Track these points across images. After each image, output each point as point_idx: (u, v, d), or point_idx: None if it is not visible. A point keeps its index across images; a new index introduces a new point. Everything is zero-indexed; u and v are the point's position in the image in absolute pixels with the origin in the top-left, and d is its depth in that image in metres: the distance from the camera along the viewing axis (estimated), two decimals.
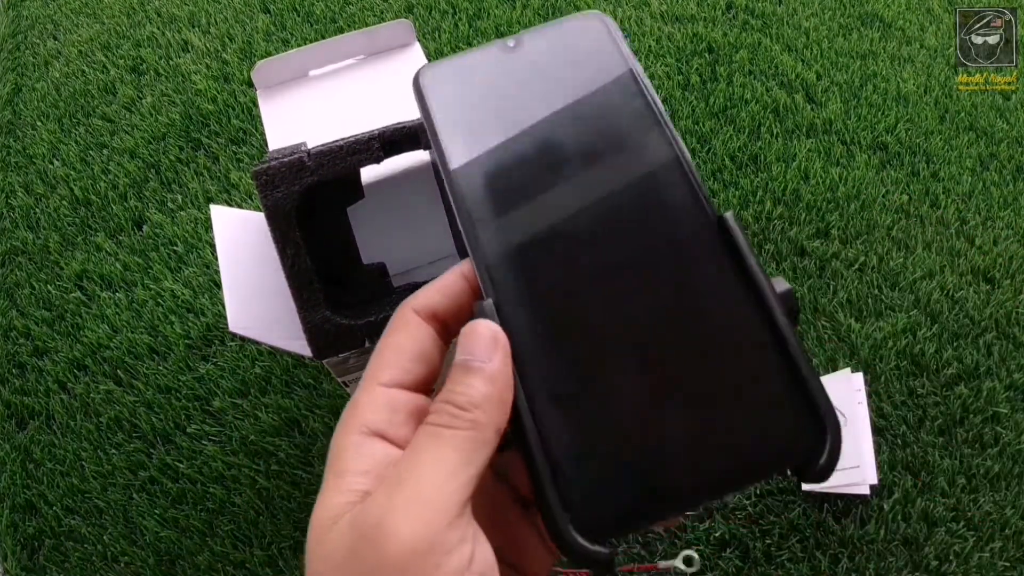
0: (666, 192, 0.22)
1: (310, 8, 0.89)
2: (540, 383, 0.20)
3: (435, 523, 0.17)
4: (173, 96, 0.83)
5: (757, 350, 0.20)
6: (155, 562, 0.58)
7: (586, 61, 0.25)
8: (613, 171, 0.23)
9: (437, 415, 0.19)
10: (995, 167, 0.73)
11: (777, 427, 0.20)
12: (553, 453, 0.20)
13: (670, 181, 0.22)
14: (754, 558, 0.54)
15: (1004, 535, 0.54)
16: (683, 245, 0.21)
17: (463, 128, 0.24)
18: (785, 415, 0.20)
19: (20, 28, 0.95)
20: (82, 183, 0.78)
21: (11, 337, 0.69)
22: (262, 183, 0.40)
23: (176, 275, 0.70)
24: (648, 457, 0.20)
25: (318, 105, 0.52)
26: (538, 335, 0.21)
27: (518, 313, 0.21)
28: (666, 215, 0.22)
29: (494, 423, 0.19)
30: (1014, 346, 0.62)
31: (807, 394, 0.20)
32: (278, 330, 0.46)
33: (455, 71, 0.25)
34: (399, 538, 0.17)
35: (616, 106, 0.24)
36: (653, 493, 0.19)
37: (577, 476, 0.19)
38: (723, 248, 0.21)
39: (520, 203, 0.23)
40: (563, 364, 0.21)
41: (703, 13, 0.86)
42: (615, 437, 0.20)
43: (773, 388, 0.20)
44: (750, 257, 0.21)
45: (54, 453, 0.63)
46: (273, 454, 0.61)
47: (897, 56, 0.82)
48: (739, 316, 0.21)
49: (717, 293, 0.21)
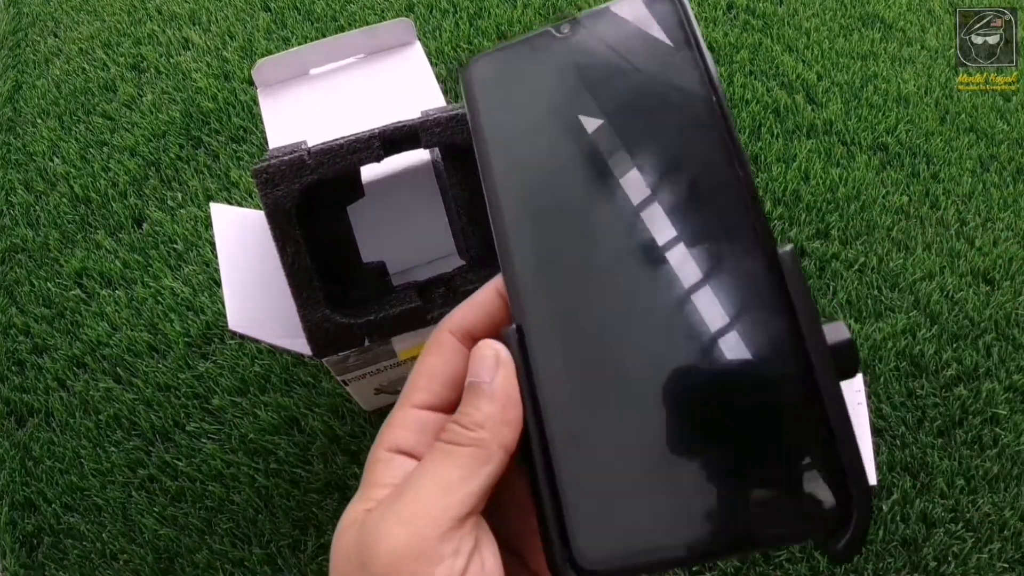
0: (721, 227, 0.20)
1: (311, 6, 0.89)
2: (558, 415, 0.20)
3: (425, 533, 0.18)
4: (173, 94, 0.83)
5: (793, 410, 0.18)
6: (154, 560, 0.58)
7: (649, 56, 0.21)
8: (665, 194, 0.21)
9: (446, 433, 0.20)
10: (995, 168, 0.73)
11: (799, 498, 0.18)
12: (560, 485, 0.19)
13: (728, 213, 0.20)
14: (753, 558, 0.54)
15: (1003, 536, 0.54)
16: (734, 286, 0.19)
17: (509, 134, 0.22)
18: (810, 486, 0.18)
19: (20, 25, 0.95)
20: (82, 181, 0.78)
21: (10, 334, 0.69)
22: (262, 181, 0.40)
23: (176, 273, 0.70)
24: (657, 506, 0.19)
25: (318, 103, 0.52)
26: (563, 366, 0.20)
27: (545, 341, 0.20)
28: (718, 254, 0.20)
29: (497, 440, 0.20)
30: (1013, 348, 0.62)
31: (839, 468, 0.18)
32: (278, 328, 0.46)
33: (504, 65, 0.23)
34: (389, 543, 0.18)
35: (679, 117, 0.21)
36: (656, 542, 0.19)
37: (581, 512, 0.19)
38: (777, 289, 0.19)
39: (559, 224, 0.21)
40: (584, 399, 0.20)
41: (704, 13, 0.86)
42: (626, 480, 0.19)
43: (802, 456, 0.18)
44: (803, 304, 0.18)
45: (53, 451, 0.63)
46: (272, 452, 0.61)
47: (898, 57, 0.82)
48: (781, 370, 0.19)
49: (762, 344, 0.19)
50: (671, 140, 0.21)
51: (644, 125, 0.21)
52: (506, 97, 0.22)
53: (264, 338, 0.46)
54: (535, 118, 0.22)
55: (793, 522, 0.18)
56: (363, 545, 0.19)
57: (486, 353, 0.21)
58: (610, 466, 0.19)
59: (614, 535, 0.19)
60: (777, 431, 0.19)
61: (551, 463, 0.20)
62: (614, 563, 0.19)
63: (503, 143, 0.22)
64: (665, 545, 0.19)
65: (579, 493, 0.19)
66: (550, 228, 0.21)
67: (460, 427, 0.20)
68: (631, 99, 0.21)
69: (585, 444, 0.20)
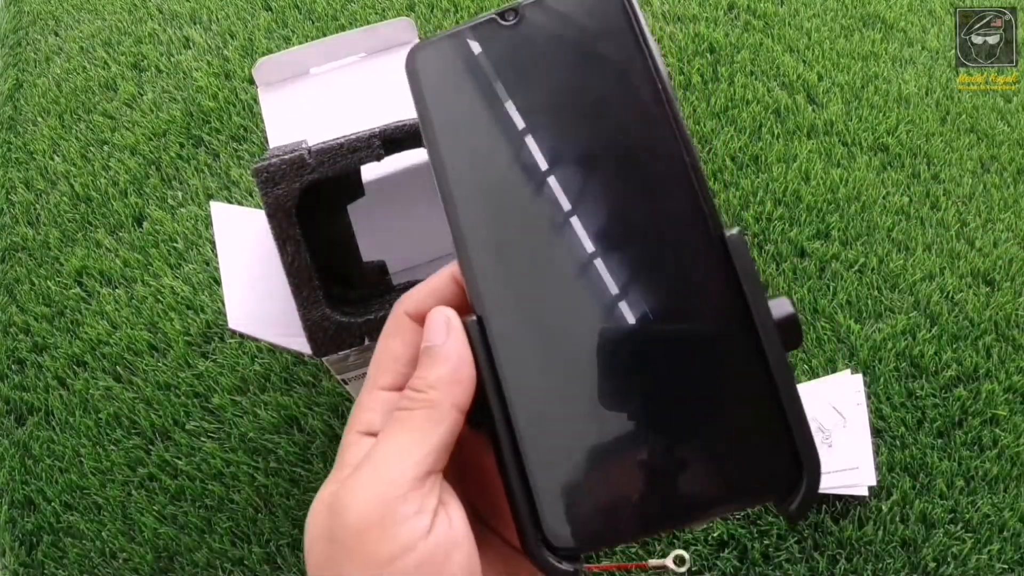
0: (670, 203, 0.21)
1: (311, 5, 0.89)
2: (522, 400, 0.20)
3: (387, 495, 0.19)
4: (174, 93, 0.83)
5: (743, 378, 0.20)
6: (153, 559, 0.58)
7: (594, 41, 0.22)
8: (613, 174, 0.21)
9: (401, 401, 0.21)
10: (996, 169, 0.73)
11: (755, 460, 0.19)
12: (528, 468, 0.20)
13: (675, 190, 0.21)
14: (752, 559, 0.54)
15: (1002, 537, 0.54)
16: (683, 263, 0.21)
17: (457, 124, 0.22)
18: (764, 449, 0.19)
19: (21, 24, 0.95)
20: (82, 179, 0.78)
21: (11, 333, 0.69)
22: (262, 180, 0.40)
23: (176, 272, 0.70)
24: (622, 478, 0.20)
25: (319, 102, 0.52)
26: (523, 352, 0.21)
27: (505, 329, 0.21)
28: (668, 231, 0.21)
29: (450, 400, 0.20)
30: (1013, 348, 0.62)
31: (788, 430, 0.19)
32: (277, 327, 0.46)
33: (450, 54, 0.23)
34: (355, 509, 0.19)
35: (623, 100, 0.21)
36: (623, 516, 0.20)
37: (550, 492, 0.20)
38: (725, 267, 0.20)
39: (511, 214, 0.22)
40: (547, 381, 0.21)
41: (705, 13, 0.86)
42: (591, 456, 0.20)
43: (754, 420, 0.19)
44: (749, 279, 0.20)
45: (53, 449, 0.63)
46: (272, 451, 0.61)
47: (898, 57, 0.82)
48: (730, 341, 0.20)
49: (711, 315, 0.20)
50: (617, 126, 0.21)
51: (590, 112, 0.21)
52: (453, 87, 0.22)
53: (264, 337, 0.46)
54: (482, 108, 0.22)
55: (750, 486, 0.19)
56: (331, 521, 0.19)
57: (438, 319, 0.21)
58: (575, 446, 0.20)
59: (583, 513, 0.20)
60: (730, 401, 0.20)
61: (518, 448, 0.20)
62: (585, 540, 0.19)
63: (452, 134, 0.22)
64: (632, 517, 0.19)
65: (547, 475, 0.20)
66: (502, 218, 0.22)
67: (414, 391, 0.21)
68: (577, 87, 0.22)
69: (550, 427, 0.20)
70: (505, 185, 0.22)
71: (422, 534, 0.19)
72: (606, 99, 0.21)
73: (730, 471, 0.20)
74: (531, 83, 0.22)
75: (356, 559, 0.19)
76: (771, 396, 0.19)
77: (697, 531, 0.55)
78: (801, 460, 0.19)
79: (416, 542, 0.19)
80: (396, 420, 0.21)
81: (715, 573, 0.54)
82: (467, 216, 0.21)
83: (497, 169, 0.22)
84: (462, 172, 0.22)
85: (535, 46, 0.22)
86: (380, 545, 0.19)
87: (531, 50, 0.22)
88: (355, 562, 0.19)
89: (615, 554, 0.55)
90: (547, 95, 0.22)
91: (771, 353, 0.19)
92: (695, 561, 0.54)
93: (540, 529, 0.20)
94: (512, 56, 0.22)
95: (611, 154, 0.21)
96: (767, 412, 0.19)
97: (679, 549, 0.55)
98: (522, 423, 0.20)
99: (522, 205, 0.21)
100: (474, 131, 0.22)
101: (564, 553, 0.19)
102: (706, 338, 0.20)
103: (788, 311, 0.20)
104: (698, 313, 0.20)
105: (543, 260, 0.21)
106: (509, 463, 0.20)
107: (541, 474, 0.20)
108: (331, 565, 0.19)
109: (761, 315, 0.19)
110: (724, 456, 0.20)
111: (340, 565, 0.19)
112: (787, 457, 0.19)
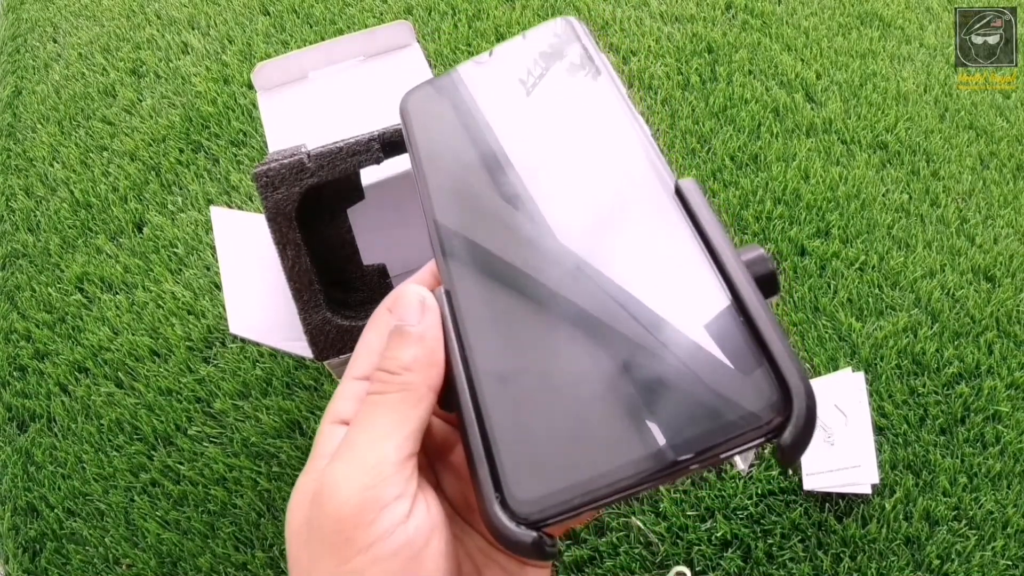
0: (622, 164, 0.22)
1: (310, 10, 0.89)
2: (484, 362, 0.20)
3: (368, 481, 0.19)
4: (173, 98, 0.83)
5: (715, 321, 0.18)
6: (157, 564, 0.58)
7: (552, 63, 0.25)
8: (567, 153, 0.23)
9: (373, 383, 0.21)
10: (995, 165, 0.73)
11: (733, 402, 0.17)
12: (490, 431, 0.19)
13: (626, 153, 0.22)
14: (756, 558, 0.54)
15: (1006, 534, 0.54)
16: (642, 221, 0.21)
17: (437, 147, 0.25)
18: (743, 387, 0.17)
19: (20, 31, 0.95)
20: (82, 186, 0.78)
21: (12, 340, 0.69)
22: (262, 184, 0.40)
23: (177, 277, 0.70)
24: (590, 440, 0.18)
25: (318, 106, 0.52)
26: (486, 315, 0.21)
27: (469, 297, 0.21)
28: (622, 190, 0.21)
29: (426, 382, 0.20)
30: (1015, 344, 0.62)
31: (771, 362, 0.17)
32: (279, 332, 0.46)
33: (435, 93, 0.27)
34: (336, 498, 0.18)
35: (577, 96, 0.24)
36: (593, 477, 0.18)
37: (512, 458, 0.19)
38: (684, 217, 0.20)
39: (478, 209, 0.23)
40: (508, 342, 0.20)
41: (703, 13, 0.86)
42: (557, 418, 0.19)
43: (731, 359, 0.18)
44: (709, 223, 0.19)
45: (55, 456, 0.63)
46: (274, 456, 0.61)
47: (897, 55, 0.82)
48: (695, 285, 0.19)
49: (674, 264, 0.19)
50: (568, 119, 0.24)
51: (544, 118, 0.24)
52: (432, 121, 0.26)
53: (265, 341, 0.46)
54: (453, 132, 0.26)
55: (733, 427, 0.17)
56: (314, 509, 0.19)
57: (411, 298, 0.21)
58: (540, 407, 0.19)
59: (548, 477, 0.18)
60: (705, 344, 0.18)
61: (482, 412, 0.20)
62: (549, 506, 0.18)
63: (431, 156, 0.25)
64: (602, 477, 0.18)
65: (509, 440, 0.19)
66: (472, 217, 0.23)
67: (387, 373, 0.20)
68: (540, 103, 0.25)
69: (513, 389, 0.20)
70: (473, 186, 0.24)
71: (401, 519, 0.19)
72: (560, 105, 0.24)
73: (707, 416, 0.17)
74: (498, 108, 0.25)
75: (334, 548, 0.18)
76: (747, 328, 0.18)
77: (700, 531, 0.55)
78: (788, 386, 0.17)
79: (395, 527, 0.18)
80: (371, 404, 0.20)
81: (719, 573, 0.54)
82: (443, 218, 0.23)
83: (465, 175, 0.24)
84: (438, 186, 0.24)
85: (503, 78, 0.26)
86: (358, 532, 0.18)
87: (500, 81, 0.26)
88: (333, 551, 0.18)
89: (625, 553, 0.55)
90: (508, 113, 0.25)
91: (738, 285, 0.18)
92: (698, 561, 0.54)
93: (499, 491, 0.18)
94: (484, 88, 0.26)
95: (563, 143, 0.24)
96: (744, 346, 0.18)
97: (680, 566, 0.55)
98: (485, 388, 0.20)
99: (485, 199, 0.23)
100: (446, 153, 0.25)
101: (525, 522, 0.18)
102: (674, 284, 0.19)
103: (756, 253, 0.19)
104: (661, 263, 0.20)
105: (506, 236, 0.22)
106: (469, 423, 0.19)
107: (502, 437, 0.19)
108: (309, 556, 0.19)
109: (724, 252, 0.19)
110: (698, 405, 0.18)
111: (318, 556, 0.19)
112: (771, 386, 0.17)
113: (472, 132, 0.25)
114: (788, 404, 0.17)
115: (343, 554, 0.18)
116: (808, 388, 0.17)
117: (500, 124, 0.25)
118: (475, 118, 0.25)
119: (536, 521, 0.18)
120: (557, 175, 0.23)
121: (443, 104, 0.26)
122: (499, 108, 0.25)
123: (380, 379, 0.20)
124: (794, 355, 0.17)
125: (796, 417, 0.16)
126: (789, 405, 0.17)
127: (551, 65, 0.25)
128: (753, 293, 0.18)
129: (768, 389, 0.17)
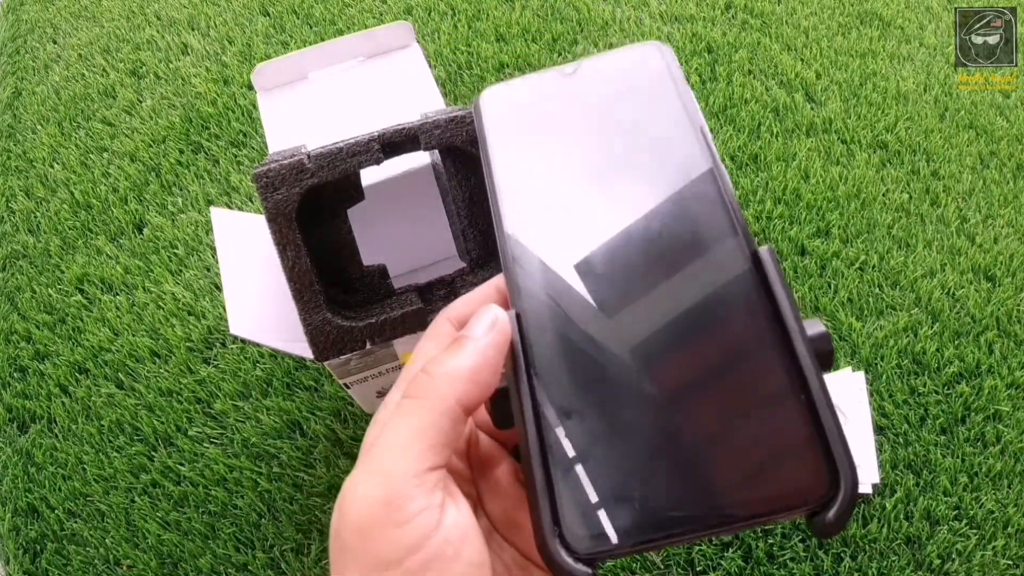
0: (703, 226, 0.22)
1: (309, 11, 0.89)
2: (551, 397, 0.20)
3: (390, 489, 0.18)
4: (173, 99, 0.83)
5: (779, 394, 0.20)
6: (157, 565, 0.58)
7: (639, 95, 0.25)
8: (651, 203, 0.23)
9: (407, 386, 0.20)
10: (995, 165, 0.73)
11: (788, 474, 0.19)
12: (551, 464, 0.20)
13: (708, 214, 0.22)
14: (756, 558, 0.54)
15: (1007, 533, 0.54)
16: (716, 280, 0.21)
17: (514, 153, 0.25)
18: (799, 463, 0.19)
19: (19, 32, 0.95)
20: (82, 187, 0.78)
21: (12, 341, 0.69)
22: (262, 185, 0.40)
23: (177, 278, 0.70)
24: (649, 485, 0.19)
25: (318, 107, 0.52)
26: (558, 350, 0.21)
27: (540, 326, 0.21)
28: (701, 250, 0.22)
29: (456, 394, 0.20)
30: (1015, 344, 0.62)
31: (825, 445, 0.19)
32: (279, 332, 0.46)
33: (514, 95, 0.26)
34: (357, 504, 0.19)
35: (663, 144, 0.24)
36: (649, 522, 0.19)
37: (573, 492, 0.19)
38: (757, 285, 0.21)
39: (557, 231, 0.23)
40: (578, 383, 0.20)
41: (702, 13, 0.86)
42: (619, 460, 0.20)
43: (789, 434, 0.19)
44: (782, 296, 0.20)
45: (56, 457, 0.63)
46: (275, 456, 0.61)
47: (896, 55, 0.82)
48: (765, 357, 0.20)
49: (745, 331, 0.20)
50: (659, 164, 0.23)
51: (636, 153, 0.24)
52: (514, 124, 0.25)
53: (265, 342, 0.46)
54: (540, 143, 0.25)
55: (783, 497, 0.19)
56: (338, 513, 0.19)
57: (487, 315, 0.21)
58: (604, 450, 0.20)
59: (607, 515, 0.19)
60: (767, 413, 0.20)
61: (544, 445, 0.20)
62: (605, 547, 0.19)
63: (508, 164, 0.24)
64: (659, 525, 0.19)
65: (571, 475, 0.20)
66: (549, 234, 0.23)
67: (426, 375, 0.20)
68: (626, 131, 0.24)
69: (578, 429, 0.20)
70: (554, 210, 0.23)
71: (428, 531, 0.18)
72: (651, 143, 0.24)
73: (762, 482, 0.19)
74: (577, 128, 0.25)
75: (360, 559, 0.18)
76: (807, 408, 0.19)
77: None
78: (838, 470, 0.19)
79: (422, 540, 0.18)
80: (399, 408, 0.20)
81: (719, 573, 0.54)
82: (516, 235, 0.23)
83: (548, 196, 0.24)
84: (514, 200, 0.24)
85: (588, 97, 0.25)
86: (384, 545, 0.18)
87: (582, 100, 0.25)
88: (359, 562, 0.18)
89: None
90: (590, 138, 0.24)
91: (804, 363, 0.19)
92: (699, 561, 0.54)
93: (558, 526, 0.19)
94: (566, 103, 0.25)
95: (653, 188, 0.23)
96: (802, 424, 0.19)
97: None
98: (550, 421, 0.20)
99: (567, 218, 0.23)
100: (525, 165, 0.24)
101: (580, 557, 0.19)
102: (741, 347, 0.20)
103: (819, 330, 0.20)
104: (733, 329, 0.21)
105: (584, 267, 0.22)
106: (534, 456, 0.20)
107: (565, 472, 0.20)
108: (338, 563, 0.19)
109: (794, 328, 0.20)
110: (755, 470, 0.19)
111: (345, 564, 0.19)
112: (822, 468, 0.19)
113: (555, 152, 0.24)
114: (836, 484, 0.18)
115: (369, 566, 0.18)
116: (855, 474, 0.19)
117: (584, 150, 0.24)
118: (560, 138, 0.25)
119: (590, 556, 0.19)
120: (640, 222, 0.23)
121: (524, 113, 0.25)
122: (584, 133, 0.25)
123: (415, 380, 0.20)
124: (845, 439, 0.19)
125: (842, 499, 0.18)
126: (836, 486, 0.18)
127: (639, 98, 0.25)
128: (816, 376, 0.19)
129: (820, 469, 0.19)
